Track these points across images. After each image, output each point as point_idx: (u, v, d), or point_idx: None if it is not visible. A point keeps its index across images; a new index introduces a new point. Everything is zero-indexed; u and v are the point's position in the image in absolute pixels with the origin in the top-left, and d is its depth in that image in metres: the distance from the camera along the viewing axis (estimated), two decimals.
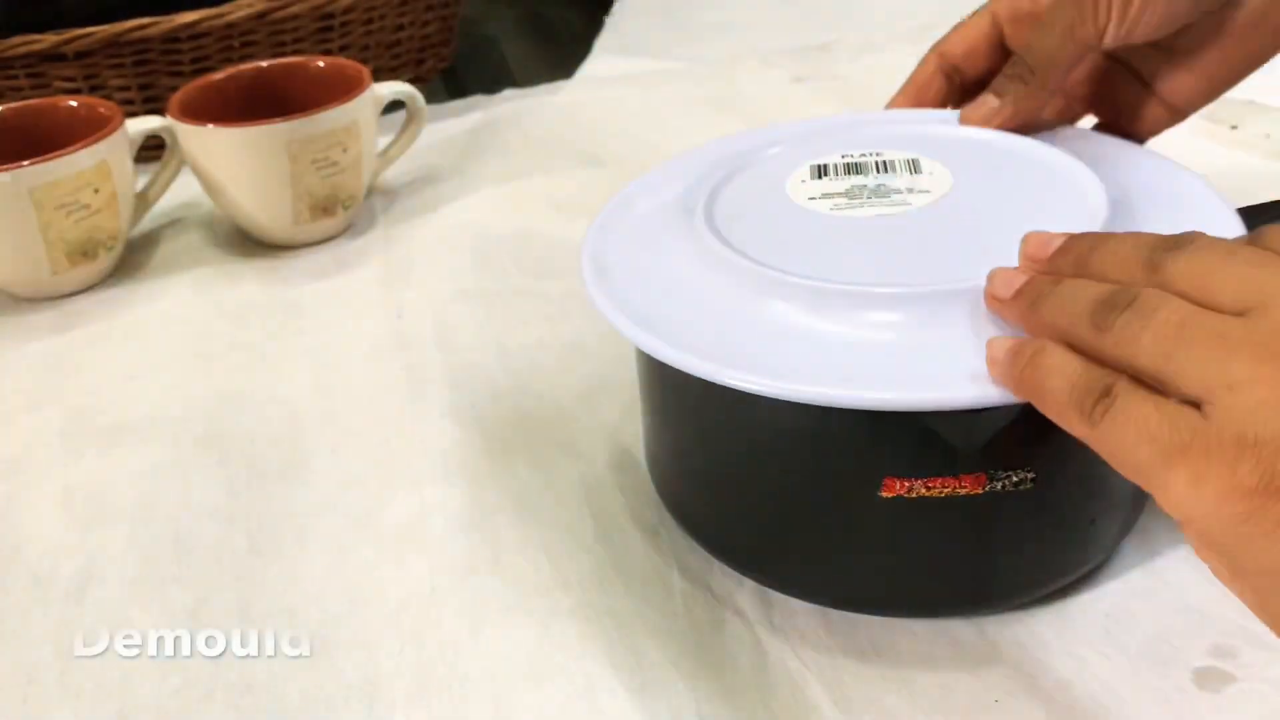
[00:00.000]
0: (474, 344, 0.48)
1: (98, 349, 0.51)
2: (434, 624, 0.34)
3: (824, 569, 0.33)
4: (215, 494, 0.41)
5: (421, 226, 0.59)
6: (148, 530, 0.39)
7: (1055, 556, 0.32)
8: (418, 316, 0.50)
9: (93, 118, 0.55)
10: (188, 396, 0.47)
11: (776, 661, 0.32)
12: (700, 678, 0.32)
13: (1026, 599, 0.33)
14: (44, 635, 0.35)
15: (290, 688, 0.33)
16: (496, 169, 0.65)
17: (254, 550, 0.38)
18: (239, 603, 0.36)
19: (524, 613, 0.34)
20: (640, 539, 0.37)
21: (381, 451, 0.42)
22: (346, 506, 0.39)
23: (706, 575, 0.35)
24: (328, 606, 0.35)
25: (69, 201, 0.52)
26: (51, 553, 0.38)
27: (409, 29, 0.74)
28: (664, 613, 0.34)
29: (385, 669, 0.33)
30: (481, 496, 0.39)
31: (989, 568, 0.32)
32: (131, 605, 0.36)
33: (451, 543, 0.37)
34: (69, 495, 0.41)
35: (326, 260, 0.57)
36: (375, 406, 0.45)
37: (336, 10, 0.67)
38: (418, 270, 0.54)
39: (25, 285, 0.55)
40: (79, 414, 0.46)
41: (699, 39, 0.84)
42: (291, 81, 0.60)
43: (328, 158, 0.55)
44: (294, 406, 0.45)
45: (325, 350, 0.49)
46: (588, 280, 0.33)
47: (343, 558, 0.37)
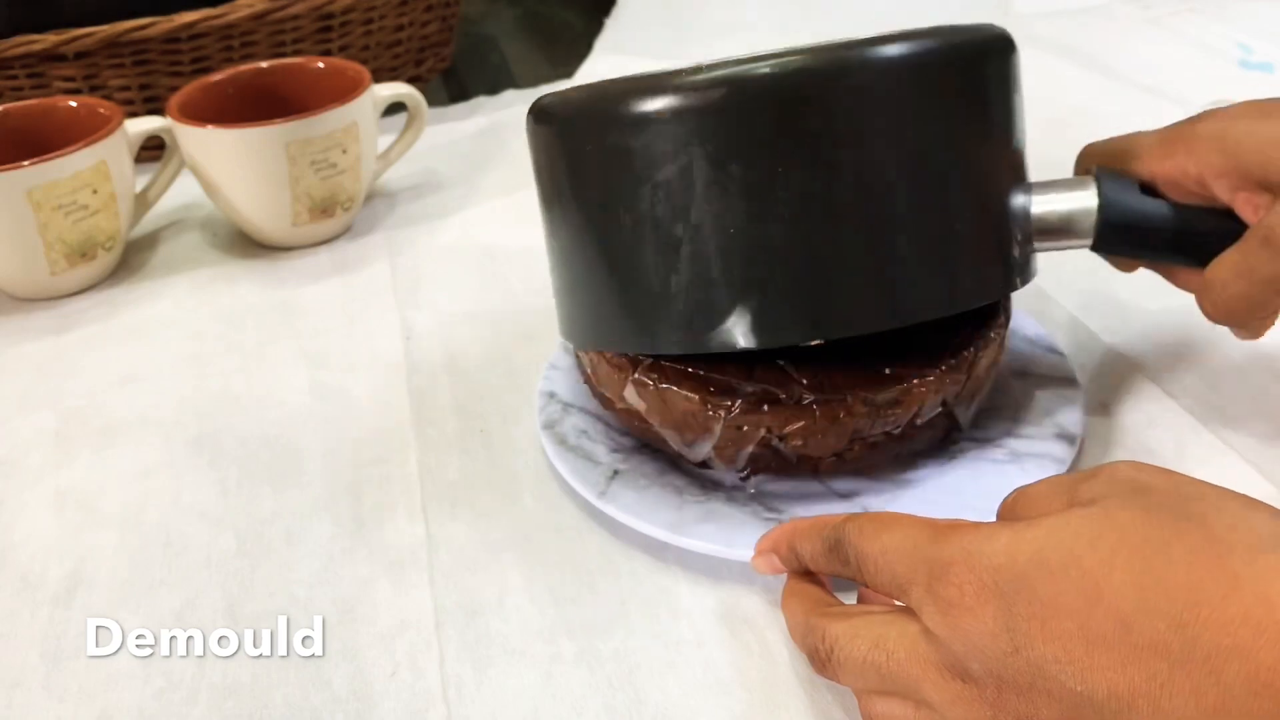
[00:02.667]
0: (480, 363, 0.47)
1: (94, 350, 0.50)
2: (435, 656, 0.33)
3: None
4: (206, 496, 0.40)
5: (424, 234, 0.59)
6: (138, 532, 0.39)
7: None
8: (424, 334, 0.49)
9: (92, 118, 0.55)
10: (182, 398, 0.46)
11: (787, 670, 0.31)
12: (707, 701, 0.31)
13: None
14: (31, 638, 0.35)
15: (275, 694, 0.32)
16: (499, 177, 0.64)
17: (242, 553, 0.37)
18: (226, 605, 0.35)
19: (526, 657, 0.33)
20: (647, 562, 0.36)
21: (380, 456, 0.42)
22: (338, 514, 0.39)
23: (715, 587, 0.34)
24: (316, 615, 0.35)
25: (67, 202, 0.52)
26: (41, 555, 0.38)
27: (408, 29, 0.74)
28: (669, 641, 0.33)
29: (376, 688, 0.32)
30: (486, 525, 0.38)
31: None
32: (119, 608, 0.35)
33: (455, 574, 0.36)
34: (61, 497, 0.41)
35: (325, 262, 0.57)
36: (374, 410, 0.45)
37: (336, 11, 0.67)
38: (424, 287, 0.53)
39: (23, 286, 0.54)
40: (73, 415, 0.46)
41: (699, 39, 0.84)
42: (291, 82, 0.60)
43: (327, 159, 0.55)
44: (288, 409, 0.45)
45: (322, 353, 0.49)
46: None
47: (333, 567, 0.37)
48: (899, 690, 0.26)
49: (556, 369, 0.43)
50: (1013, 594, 0.23)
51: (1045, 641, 0.22)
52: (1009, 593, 0.23)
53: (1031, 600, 0.22)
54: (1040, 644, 0.22)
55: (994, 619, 0.23)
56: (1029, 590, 0.22)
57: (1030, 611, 0.22)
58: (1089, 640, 0.22)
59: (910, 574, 0.25)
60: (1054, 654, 0.22)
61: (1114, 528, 0.22)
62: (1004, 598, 0.23)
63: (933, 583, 0.24)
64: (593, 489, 0.37)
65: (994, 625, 0.23)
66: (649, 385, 0.35)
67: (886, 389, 0.34)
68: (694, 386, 0.34)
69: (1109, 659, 0.21)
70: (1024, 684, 0.23)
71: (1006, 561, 0.23)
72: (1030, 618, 0.22)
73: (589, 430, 0.40)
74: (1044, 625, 0.22)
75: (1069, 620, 0.22)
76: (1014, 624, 0.23)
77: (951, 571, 0.24)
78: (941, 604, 0.24)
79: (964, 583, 0.23)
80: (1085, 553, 0.22)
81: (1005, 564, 0.23)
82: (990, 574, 0.23)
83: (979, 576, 0.23)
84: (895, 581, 0.26)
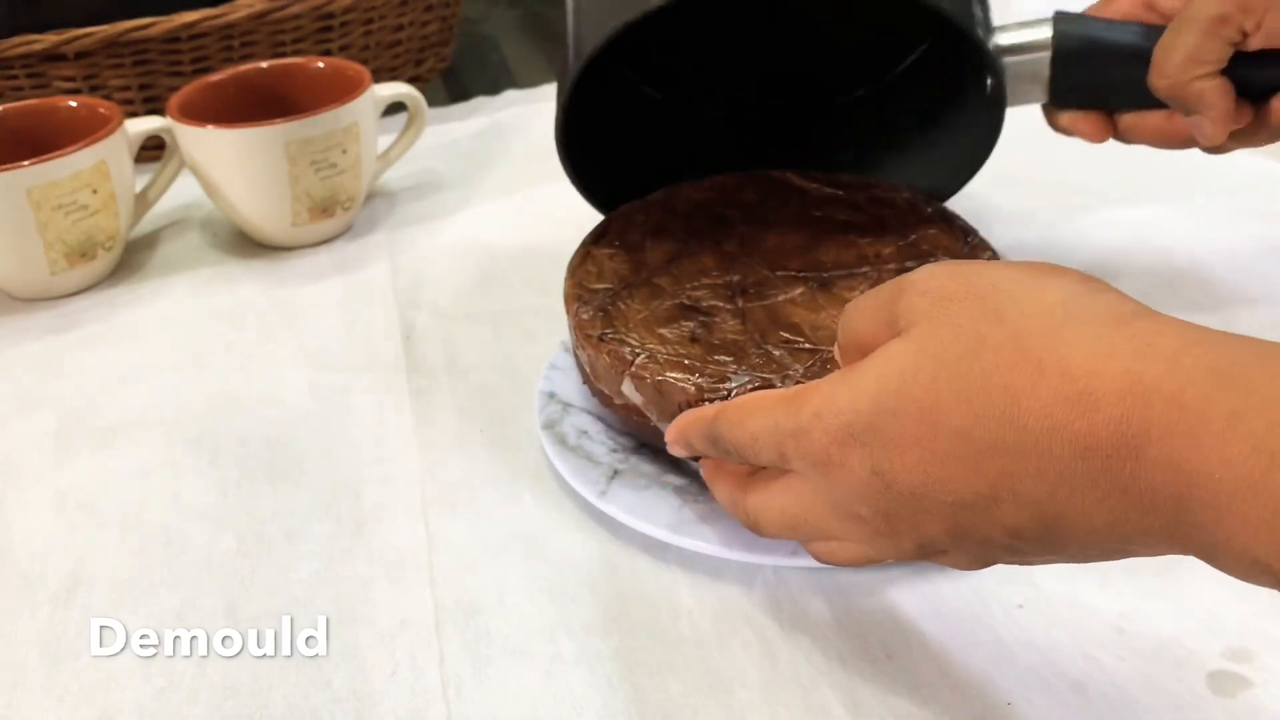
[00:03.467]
0: (481, 363, 0.47)
1: (94, 350, 0.50)
2: (435, 656, 0.33)
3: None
4: (206, 496, 0.40)
5: (424, 234, 0.59)
6: (138, 532, 0.39)
7: None
8: (424, 334, 0.49)
9: (92, 118, 0.55)
10: (182, 398, 0.46)
11: (787, 669, 0.31)
12: (707, 701, 0.31)
13: None
14: (31, 637, 0.35)
15: (275, 694, 0.32)
16: (500, 177, 0.64)
17: (242, 552, 0.37)
18: (226, 605, 0.35)
19: (526, 656, 0.33)
20: (647, 562, 0.36)
21: (380, 456, 0.42)
22: (338, 514, 0.39)
23: (715, 586, 0.34)
24: (316, 615, 0.35)
25: (67, 202, 0.52)
26: (41, 554, 0.38)
27: (408, 29, 0.74)
28: (669, 641, 0.33)
29: (376, 688, 0.32)
30: (486, 525, 0.38)
31: None
32: (120, 607, 0.35)
33: (455, 574, 0.36)
34: (61, 497, 0.41)
35: (325, 262, 0.57)
36: (374, 410, 0.45)
37: (336, 11, 0.67)
38: (424, 287, 0.53)
39: (23, 286, 0.54)
40: (73, 415, 0.46)
41: None
42: (291, 82, 0.60)
43: (327, 159, 0.55)
44: (288, 409, 0.45)
45: (322, 353, 0.49)
46: None
47: (333, 567, 0.37)
48: (821, 535, 0.29)
49: (556, 369, 0.43)
50: (867, 440, 0.25)
51: (907, 471, 0.25)
52: (864, 440, 0.25)
53: (884, 442, 0.25)
54: (904, 475, 0.25)
55: (860, 466, 0.26)
56: (878, 433, 0.25)
57: (886, 451, 0.25)
58: (941, 459, 0.24)
59: (780, 449, 0.28)
60: (918, 480, 0.25)
61: (929, 355, 0.25)
62: (862, 445, 0.25)
63: (800, 451, 0.27)
64: (593, 489, 0.37)
65: (862, 472, 0.26)
66: (645, 378, 0.35)
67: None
68: (688, 376, 0.35)
69: (963, 469, 0.24)
70: (906, 511, 0.25)
71: (852, 415, 0.26)
72: (888, 456, 0.25)
73: (589, 430, 0.40)
74: (901, 458, 0.25)
75: (920, 448, 0.25)
76: (878, 465, 0.25)
77: (811, 436, 0.27)
78: (816, 466, 0.27)
79: (825, 443, 0.26)
80: (912, 386, 0.25)
81: (852, 418, 0.26)
82: (843, 430, 0.26)
83: (834, 434, 0.26)
84: (773, 460, 0.29)
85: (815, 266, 0.41)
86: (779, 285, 0.40)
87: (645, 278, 0.40)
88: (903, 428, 0.25)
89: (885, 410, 0.25)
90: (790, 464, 0.28)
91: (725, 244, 0.42)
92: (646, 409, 0.36)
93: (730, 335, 0.37)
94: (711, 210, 0.45)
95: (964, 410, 0.24)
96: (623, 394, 0.37)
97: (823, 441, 0.26)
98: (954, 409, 0.24)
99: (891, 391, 0.25)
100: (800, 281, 0.40)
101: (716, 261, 0.41)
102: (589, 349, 0.38)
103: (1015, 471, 0.23)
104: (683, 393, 0.34)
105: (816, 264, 0.41)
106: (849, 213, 0.44)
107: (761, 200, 0.45)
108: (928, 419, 0.24)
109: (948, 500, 0.24)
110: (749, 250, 0.42)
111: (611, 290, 0.40)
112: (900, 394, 0.25)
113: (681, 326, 0.37)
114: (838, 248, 0.42)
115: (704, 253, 0.42)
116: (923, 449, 0.24)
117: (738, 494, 0.31)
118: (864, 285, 0.39)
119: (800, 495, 0.29)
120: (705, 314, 0.38)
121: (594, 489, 0.37)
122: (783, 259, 0.41)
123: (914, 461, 0.25)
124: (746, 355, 0.36)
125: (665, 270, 0.41)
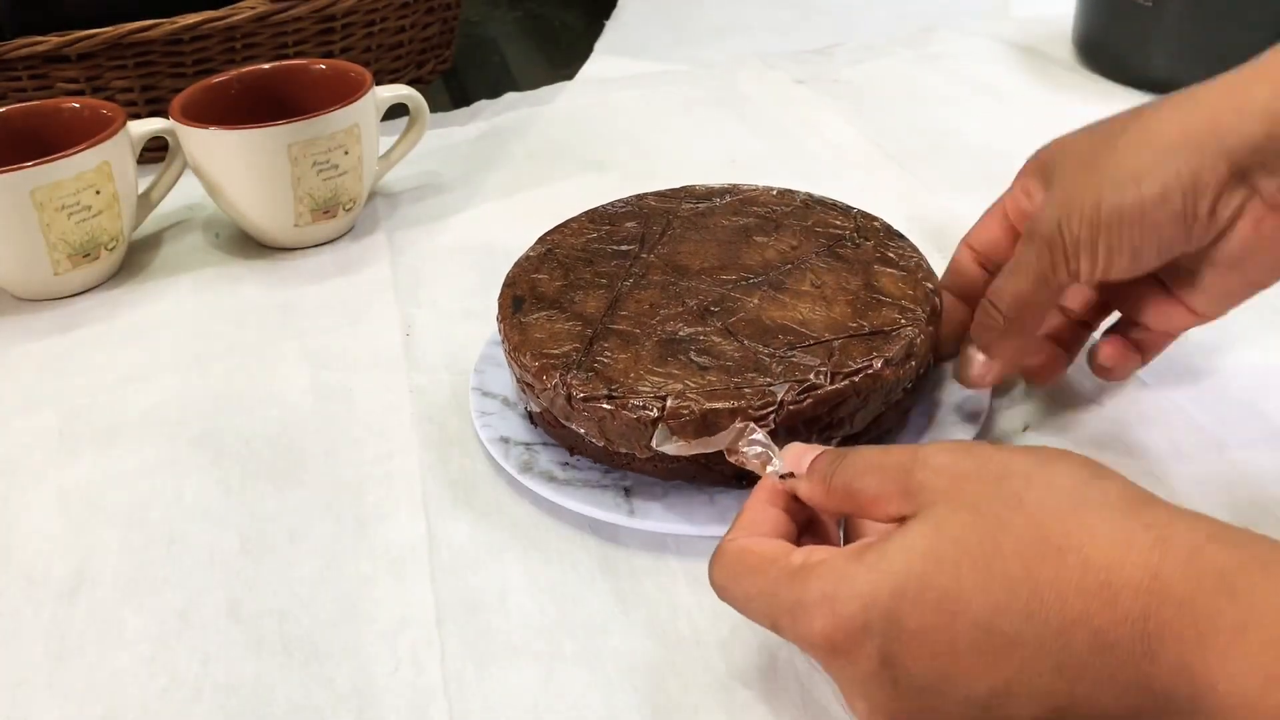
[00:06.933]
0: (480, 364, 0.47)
1: (97, 350, 0.51)
2: (437, 654, 0.33)
3: None
4: (208, 495, 0.40)
5: (425, 235, 0.59)
6: (141, 531, 0.39)
7: None
8: (425, 333, 0.50)
9: (95, 119, 0.55)
10: (184, 398, 0.46)
11: (787, 669, 0.32)
12: (707, 700, 0.31)
13: None
14: (35, 636, 0.35)
15: (278, 693, 0.32)
16: (500, 179, 0.64)
17: (244, 551, 0.38)
18: (228, 603, 0.35)
19: (527, 654, 0.33)
20: (647, 561, 0.36)
21: (381, 455, 0.42)
22: (340, 513, 0.39)
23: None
24: (319, 613, 0.35)
25: (71, 203, 0.52)
26: (45, 553, 0.38)
27: (410, 31, 0.74)
28: (669, 640, 0.33)
29: (377, 685, 0.32)
30: (488, 525, 0.39)
31: None
32: (123, 606, 0.36)
33: (457, 572, 0.36)
34: (64, 496, 0.41)
35: (327, 263, 0.57)
36: (375, 409, 0.45)
37: (338, 13, 0.67)
38: (425, 287, 0.54)
39: (27, 286, 0.55)
40: (77, 415, 0.46)
41: (699, 42, 0.84)
42: (293, 84, 0.60)
43: (329, 160, 0.55)
44: (290, 408, 0.45)
45: (324, 353, 0.49)
46: None
47: (335, 565, 0.37)
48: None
49: (489, 414, 0.41)
50: (883, 629, 0.24)
51: (919, 663, 0.24)
52: (880, 629, 0.24)
53: (901, 633, 0.24)
54: (915, 667, 0.24)
55: (869, 657, 0.25)
56: (895, 621, 0.24)
57: (903, 644, 0.24)
58: (958, 652, 0.24)
59: (774, 621, 0.27)
60: (931, 672, 0.24)
61: (949, 540, 0.24)
62: (876, 636, 0.24)
63: (799, 632, 0.26)
64: (619, 512, 0.36)
65: (869, 664, 0.25)
66: (684, 415, 0.34)
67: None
68: (730, 404, 0.34)
69: (980, 662, 0.23)
70: (910, 707, 0.25)
71: (870, 600, 0.24)
72: (902, 646, 0.24)
73: (569, 459, 0.39)
74: (918, 651, 0.24)
75: (937, 639, 0.24)
76: (889, 656, 0.24)
77: (812, 618, 0.25)
78: (816, 650, 0.26)
79: (831, 630, 0.25)
80: (934, 573, 0.24)
81: (870, 603, 0.24)
82: (858, 615, 0.25)
83: (846, 621, 0.25)
84: (765, 624, 0.28)
85: (751, 272, 0.40)
86: (738, 297, 0.38)
87: (603, 328, 0.38)
88: (921, 617, 0.24)
89: (906, 596, 0.24)
90: (785, 634, 0.27)
91: (650, 275, 0.40)
92: (682, 451, 0.34)
93: (735, 354, 0.36)
94: (604, 248, 0.43)
95: (984, 600, 0.23)
96: (650, 448, 0.35)
97: (827, 627, 0.25)
98: (975, 598, 0.23)
99: (915, 575, 0.24)
100: (753, 288, 0.39)
101: (659, 294, 0.39)
102: (596, 415, 0.35)
103: (1033, 667, 0.23)
104: (730, 417, 0.33)
105: (750, 269, 0.40)
106: (730, 218, 0.44)
107: (646, 228, 0.44)
108: (948, 608, 0.24)
109: (959, 696, 0.24)
110: (678, 276, 0.40)
111: (579, 349, 0.37)
112: (923, 580, 0.24)
113: (680, 360, 0.36)
114: (753, 251, 0.41)
115: (636, 290, 0.40)
116: (940, 641, 0.24)
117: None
118: (810, 277, 0.39)
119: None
120: (693, 343, 0.36)
121: (620, 512, 0.36)
122: (718, 274, 0.40)
123: (928, 653, 0.24)
124: (766, 367, 0.35)
125: (615, 317, 0.38)
